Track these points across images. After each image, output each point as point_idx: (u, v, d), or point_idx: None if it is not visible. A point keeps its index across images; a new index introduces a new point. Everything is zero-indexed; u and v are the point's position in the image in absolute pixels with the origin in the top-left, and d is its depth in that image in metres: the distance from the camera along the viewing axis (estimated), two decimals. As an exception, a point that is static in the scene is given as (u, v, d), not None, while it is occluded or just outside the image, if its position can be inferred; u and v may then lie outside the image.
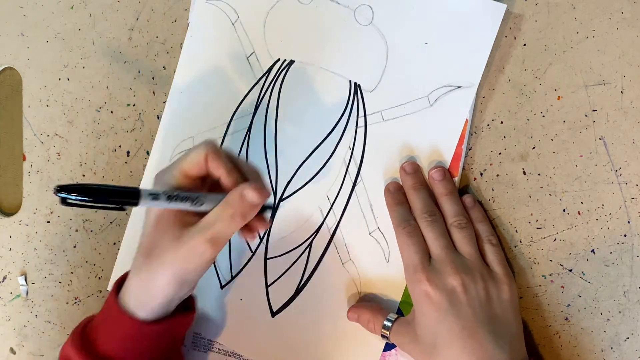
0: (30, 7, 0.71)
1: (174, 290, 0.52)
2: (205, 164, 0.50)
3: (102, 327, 0.55)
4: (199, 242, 0.49)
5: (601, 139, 0.54)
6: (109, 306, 0.54)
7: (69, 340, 0.56)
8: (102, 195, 0.44)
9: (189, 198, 0.49)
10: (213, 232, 0.49)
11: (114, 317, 0.54)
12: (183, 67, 0.65)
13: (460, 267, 0.52)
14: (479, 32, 0.56)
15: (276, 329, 0.61)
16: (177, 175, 0.51)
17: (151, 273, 0.51)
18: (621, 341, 0.54)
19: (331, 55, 0.60)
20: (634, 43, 0.53)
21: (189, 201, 0.49)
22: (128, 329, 0.53)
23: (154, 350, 0.55)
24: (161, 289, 0.51)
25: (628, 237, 0.54)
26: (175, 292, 0.52)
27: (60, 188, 0.41)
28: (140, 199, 0.46)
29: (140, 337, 0.53)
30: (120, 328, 0.53)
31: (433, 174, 0.56)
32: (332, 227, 0.60)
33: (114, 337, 0.54)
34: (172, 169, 0.51)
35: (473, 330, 0.50)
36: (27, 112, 0.71)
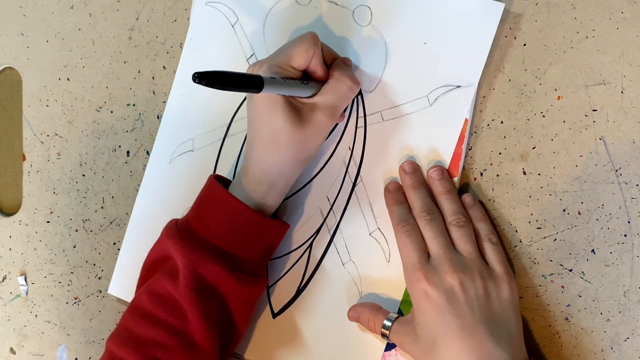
0: (30, 7, 0.71)
1: (301, 169, 0.57)
2: (310, 59, 0.54)
3: (210, 218, 0.55)
4: (323, 117, 0.54)
5: (601, 139, 0.54)
6: (220, 199, 0.55)
7: (163, 237, 0.56)
8: (232, 82, 0.46)
9: (299, 81, 0.53)
10: (332, 107, 0.54)
11: (229, 207, 0.54)
12: (183, 69, 0.65)
13: (459, 266, 0.52)
14: (478, 32, 0.56)
15: (278, 330, 0.61)
16: (284, 65, 0.53)
17: (279, 155, 0.54)
18: (621, 341, 0.54)
19: (331, 55, 0.60)
20: (634, 43, 0.53)
21: (300, 84, 0.53)
22: (245, 219, 0.55)
23: (257, 248, 0.56)
24: (289, 170, 0.56)
25: (628, 237, 0.54)
26: (300, 172, 0.57)
27: (198, 75, 0.43)
28: (264, 85, 0.48)
29: (254, 228, 0.55)
30: (236, 217, 0.54)
31: (432, 173, 0.57)
32: (332, 228, 0.60)
33: (227, 226, 0.54)
34: (277, 60, 0.53)
35: (472, 329, 0.50)
36: (27, 112, 0.71)
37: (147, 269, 0.58)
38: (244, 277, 0.55)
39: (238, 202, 0.54)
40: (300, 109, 0.54)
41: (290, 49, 0.53)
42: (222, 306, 0.55)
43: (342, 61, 0.57)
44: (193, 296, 0.53)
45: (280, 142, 0.53)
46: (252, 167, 0.55)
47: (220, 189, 0.55)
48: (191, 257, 0.53)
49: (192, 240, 0.54)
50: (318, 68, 0.55)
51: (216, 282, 0.54)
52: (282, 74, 0.53)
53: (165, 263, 0.55)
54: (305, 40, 0.53)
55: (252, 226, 0.55)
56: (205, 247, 0.54)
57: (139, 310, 0.55)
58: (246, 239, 0.55)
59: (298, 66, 0.54)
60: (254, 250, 0.56)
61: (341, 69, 0.56)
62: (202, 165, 0.64)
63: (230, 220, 0.54)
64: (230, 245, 0.55)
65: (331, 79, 0.55)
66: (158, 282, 0.55)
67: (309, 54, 0.53)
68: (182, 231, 0.55)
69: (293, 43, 0.54)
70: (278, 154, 0.54)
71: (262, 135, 0.54)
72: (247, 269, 0.56)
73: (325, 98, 0.54)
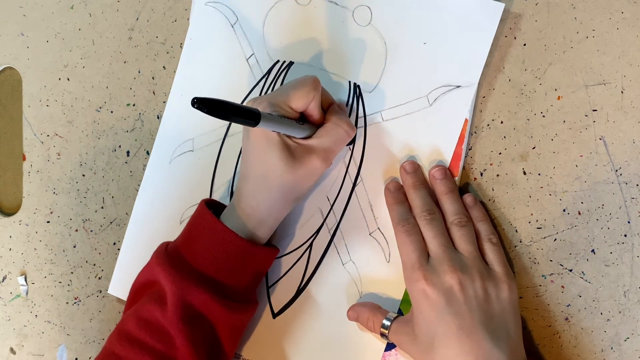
0: (30, 7, 0.71)
1: (290, 207, 0.57)
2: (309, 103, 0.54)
3: (199, 245, 0.55)
4: (316, 161, 0.54)
5: (601, 139, 0.54)
6: (211, 227, 0.55)
7: (153, 261, 0.56)
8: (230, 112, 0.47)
9: (296, 121, 0.53)
10: (327, 150, 0.55)
11: (219, 236, 0.54)
12: (183, 70, 0.65)
13: (458, 266, 0.52)
14: (478, 32, 0.56)
15: (277, 330, 0.61)
16: (283, 105, 0.53)
17: (270, 194, 0.54)
18: (621, 341, 0.54)
19: (330, 56, 0.60)
20: (634, 43, 0.53)
21: (296, 124, 0.53)
22: (234, 247, 0.54)
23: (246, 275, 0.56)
24: (279, 208, 0.56)
25: (628, 237, 0.54)
26: (290, 210, 0.58)
27: (197, 100, 0.44)
28: (261, 120, 0.48)
29: (243, 256, 0.55)
30: (225, 246, 0.54)
31: (434, 172, 0.57)
32: (332, 228, 0.60)
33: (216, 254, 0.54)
34: (277, 99, 0.53)
35: (470, 330, 0.50)
36: (27, 112, 0.71)
37: (136, 291, 0.58)
38: (233, 304, 0.55)
39: (228, 231, 0.54)
40: (295, 150, 0.54)
41: (291, 90, 0.53)
42: (211, 333, 0.55)
43: (338, 106, 0.58)
44: (181, 324, 0.53)
45: (272, 180, 0.54)
46: (243, 201, 0.55)
47: (210, 216, 0.55)
48: (180, 285, 0.53)
49: (181, 267, 0.54)
50: (315, 111, 0.55)
51: (204, 310, 0.54)
52: (280, 112, 0.53)
53: (154, 288, 0.55)
54: (307, 84, 0.53)
55: (241, 254, 0.55)
56: (194, 275, 0.54)
57: (126, 335, 0.55)
58: (236, 267, 0.55)
59: (296, 108, 0.54)
60: (244, 278, 0.56)
61: (338, 114, 0.56)
62: (202, 165, 0.64)
63: (219, 249, 0.54)
64: (219, 273, 0.55)
65: (328, 123, 0.55)
66: (146, 308, 0.54)
67: (308, 98, 0.53)
68: (171, 257, 0.55)
69: (295, 84, 0.54)
70: (269, 192, 0.54)
71: (255, 171, 0.54)
72: (237, 296, 0.56)
73: (322, 141, 0.54)
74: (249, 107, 0.48)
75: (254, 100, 0.54)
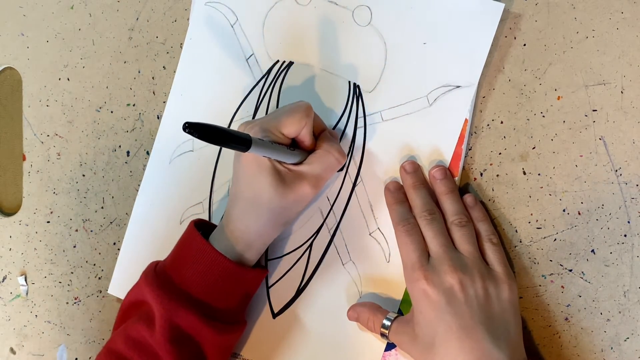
0: (30, 7, 0.71)
1: (277, 233, 0.57)
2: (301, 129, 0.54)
3: (187, 267, 0.55)
4: (306, 187, 0.54)
5: (601, 139, 0.54)
6: (199, 249, 0.55)
7: (141, 282, 0.56)
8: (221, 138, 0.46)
9: (287, 147, 0.54)
10: (317, 177, 0.55)
11: (207, 258, 0.54)
12: (183, 70, 0.65)
13: (458, 266, 0.52)
14: (478, 32, 0.56)
15: (277, 331, 0.61)
16: (274, 130, 0.53)
17: (259, 218, 0.55)
18: (621, 341, 0.54)
19: (330, 56, 0.60)
20: (634, 43, 0.53)
21: (286, 150, 0.53)
22: (222, 270, 0.55)
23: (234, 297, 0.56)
24: (268, 232, 0.56)
25: (628, 237, 0.54)
26: (276, 235, 0.58)
27: (189, 125, 0.44)
28: (252, 145, 0.49)
29: (231, 279, 0.55)
30: (213, 268, 0.54)
31: (434, 172, 0.57)
32: (332, 228, 0.60)
33: (203, 276, 0.54)
34: (269, 124, 0.53)
35: (470, 329, 0.50)
36: (27, 112, 0.71)
37: (125, 310, 0.58)
38: (221, 326, 0.55)
39: (216, 253, 0.54)
40: (286, 176, 0.54)
41: (283, 116, 0.54)
42: (198, 354, 0.55)
43: (329, 133, 0.58)
44: (169, 345, 0.53)
45: (262, 204, 0.54)
46: (231, 224, 0.56)
47: (199, 238, 0.55)
48: (167, 306, 0.53)
49: (169, 289, 0.54)
50: (307, 138, 0.55)
51: (192, 332, 0.54)
52: (271, 137, 0.53)
53: (143, 307, 0.55)
54: (300, 111, 0.53)
55: (230, 277, 0.55)
56: (182, 296, 0.54)
57: (115, 354, 0.55)
58: (224, 289, 0.55)
59: (288, 134, 0.54)
60: (232, 299, 0.56)
61: (329, 140, 0.56)
62: (202, 166, 0.64)
63: (207, 271, 0.55)
64: (207, 295, 0.55)
65: (319, 150, 0.56)
66: (134, 328, 0.55)
67: (300, 124, 0.53)
68: (159, 278, 0.55)
69: (287, 110, 0.54)
70: (258, 215, 0.55)
71: (245, 194, 0.55)
72: (225, 317, 0.56)
73: (312, 167, 0.55)
74: (240, 133, 0.48)
75: (247, 124, 0.54)
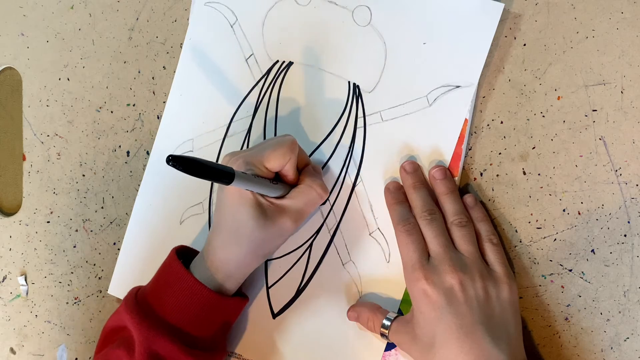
0: (30, 7, 0.71)
1: (257, 264, 0.57)
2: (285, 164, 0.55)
3: (168, 295, 0.55)
4: (288, 221, 0.55)
5: (601, 139, 0.54)
6: (179, 278, 0.55)
7: (122, 308, 0.56)
8: (204, 172, 0.47)
9: (270, 181, 0.54)
10: (299, 212, 0.56)
11: (187, 287, 0.55)
12: (182, 70, 0.65)
13: (458, 266, 0.52)
14: (477, 32, 0.56)
15: (277, 331, 0.61)
16: (258, 164, 0.54)
17: (240, 249, 0.55)
18: (621, 341, 0.54)
19: (330, 56, 0.60)
20: (634, 43, 0.53)
21: (269, 184, 0.54)
22: (202, 299, 0.55)
23: (213, 325, 0.57)
24: (248, 263, 0.56)
25: (628, 237, 0.54)
26: (256, 266, 0.58)
27: (173, 158, 0.44)
28: (235, 179, 0.49)
29: (211, 308, 0.55)
30: (193, 297, 0.55)
31: (434, 172, 0.56)
32: (332, 228, 0.60)
33: (183, 305, 0.55)
34: (253, 158, 0.54)
35: (470, 329, 0.50)
36: (27, 112, 0.71)
37: (106, 335, 0.58)
38: (200, 353, 0.55)
39: (196, 282, 0.55)
40: (268, 209, 0.55)
41: (268, 150, 0.54)
42: None
43: (312, 168, 0.59)
44: None
45: (243, 236, 0.54)
46: (212, 254, 0.56)
47: (179, 267, 0.56)
48: (147, 334, 0.53)
49: (149, 317, 0.54)
50: (290, 172, 0.55)
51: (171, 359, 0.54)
52: (254, 171, 0.53)
53: (123, 333, 0.56)
54: (284, 146, 0.54)
55: (210, 306, 0.55)
56: (161, 325, 0.54)
57: None
58: (203, 318, 0.56)
59: (271, 168, 0.54)
60: (211, 328, 0.57)
61: (312, 176, 0.57)
62: (202, 166, 0.64)
63: (187, 300, 0.55)
64: (186, 323, 0.55)
65: (302, 185, 0.56)
66: (115, 353, 0.55)
67: (284, 159, 0.54)
68: (140, 306, 0.55)
69: (272, 144, 0.54)
70: (238, 246, 0.55)
71: (227, 225, 0.55)
72: (204, 345, 0.56)
73: (294, 202, 0.55)
74: (223, 167, 0.49)
75: (232, 155, 0.55)
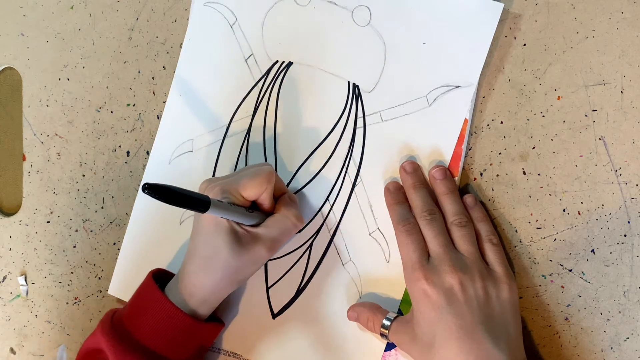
0: (30, 7, 0.71)
1: (231, 290, 0.58)
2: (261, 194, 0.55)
3: (144, 319, 0.56)
4: (262, 250, 0.55)
5: (601, 139, 0.54)
6: (155, 301, 0.56)
7: (98, 331, 0.56)
8: (180, 200, 0.48)
9: (245, 209, 0.55)
10: (274, 241, 0.56)
11: (164, 311, 0.55)
12: (182, 70, 0.65)
13: (458, 266, 0.52)
14: (477, 32, 0.56)
15: (277, 331, 0.61)
16: (234, 192, 0.54)
17: (214, 276, 0.55)
18: (621, 341, 0.54)
19: (329, 56, 0.60)
20: (634, 43, 0.53)
21: (245, 212, 0.54)
22: (178, 324, 0.55)
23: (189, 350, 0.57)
24: (221, 290, 0.57)
25: (628, 237, 0.54)
26: (230, 292, 0.58)
27: (148, 186, 0.45)
28: (210, 207, 0.50)
29: (187, 332, 0.56)
30: (169, 322, 0.55)
31: (434, 173, 0.56)
32: (332, 228, 0.60)
33: (160, 329, 0.55)
34: (229, 186, 0.54)
35: (470, 329, 0.50)
36: (27, 112, 0.71)
37: (82, 358, 0.58)
38: None
39: (172, 306, 0.55)
40: (243, 237, 0.55)
41: (244, 179, 0.54)
42: None
43: (289, 197, 0.59)
44: None
45: (217, 263, 0.55)
46: (186, 278, 0.56)
47: (155, 290, 0.56)
48: (122, 357, 0.54)
49: (125, 340, 0.55)
50: (266, 201, 0.56)
51: None
52: (230, 199, 0.54)
53: (99, 356, 0.56)
54: (261, 175, 0.54)
55: (186, 330, 0.56)
56: (137, 348, 0.55)
57: None
58: (179, 342, 0.56)
59: (248, 197, 0.55)
60: (188, 352, 0.57)
61: (288, 205, 0.57)
62: (202, 166, 0.64)
63: (163, 323, 0.55)
64: (162, 347, 0.55)
65: (277, 214, 0.57)
66: None
67: (261, 189, 0.54)
68: (115, 329, 0.56)
69: (249, 173, 0.55)
70: (213, 273, 0.55)
71: (202, 251, 0.55)
72: None
73: (269, 231, 0.56)
74: (199, 196, 0.49)
75: (209, 182, 0.55)
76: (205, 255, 0.55)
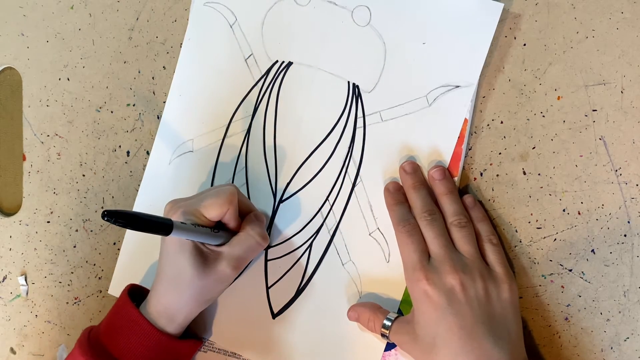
0: (30, 7, 0.71)
1: (200, 309, 0.58)
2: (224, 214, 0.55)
3: (121, 337, 0.56)
4: (227, 268, 0.55)
5: (601, 139, 0.54)
6: (131, 319, 0.57)
7: (77, 351, 0.57)
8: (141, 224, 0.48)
9: (210, 229, 0.55)
10: (238, 259, 0.56)
11: (140, 329, 0.56)
12: (181, 70, 0.65)
13: (459, 266, 0.52)
14: (477, 31, 0.56)
15: (277, 331, 0.61)
16: (197, 214, 0.55)
17: (181, 296, 0.56)
18: (621, 341, 0.54)
19: (329, 56, 0.60)
20: (634, 43, 0.53)
21: (210, 232, 0.55)
22: (154, 341, 0.56)
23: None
24: (190, 309, 0.57)
25: (628, 237, 0.54)
26: (200, 310, 0.59)
27: (108, 213, 0.45)
28: (173, 229, 0.50)
29: (163, 350, 0.57)
30: (145, 340, 0.56)
31: (433, 173, 0.56)
32: (332, 228, 0.60)
33: (136, 347, 0.56)
34: (192, 208, 0.55)
35: (471, 330, 0.50)
36: (27, 112, 0.71)
37: None
38: None
39: (147, 324, 0.56)
40: (208, 256, 0.55)
41: (206, 200, 0.55)
42: None
43: (254, 216, 0.59)
44: None
45: (183, 283, 0.55)
46: (155, 299, 0.57)
47: (131, 308, 0.57)
48: None
49: (102, 358, 0.55)
50: (231, 221, 0.56)
51: None
52: (194, 220, 0.54)
53: None
54: (222, 196, 0.55)
55: (162, 348, 0.57)
56: None
57: None
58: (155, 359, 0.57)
59: (210, 218, 0.55)
60: None
61: (253, 224, 0.58)
62: (202, 166, 0.64)
63: (140, 341, 0.56)
64: None
65: (241, 232, 0.57)
66: None
67: (222, 210, 0.55)
68: (94, 348, 0.56)
69: (211, 195, 0.55)
70: (179, 293, 0.56)
71: (167, 272, 0.56)
72: None
73: (233, 249, 0.56)
74: (161, 219, 0.50)
75: (173, 203, 0.56)
76: (171, 276, 0.56)
